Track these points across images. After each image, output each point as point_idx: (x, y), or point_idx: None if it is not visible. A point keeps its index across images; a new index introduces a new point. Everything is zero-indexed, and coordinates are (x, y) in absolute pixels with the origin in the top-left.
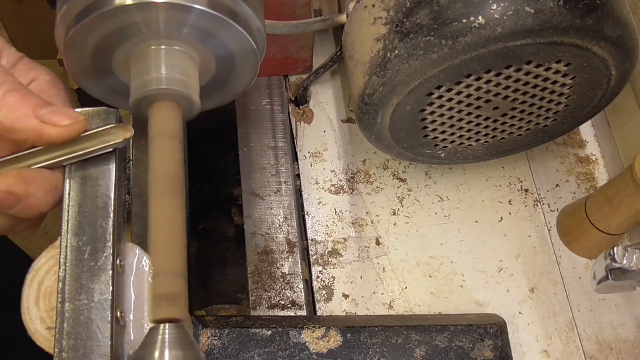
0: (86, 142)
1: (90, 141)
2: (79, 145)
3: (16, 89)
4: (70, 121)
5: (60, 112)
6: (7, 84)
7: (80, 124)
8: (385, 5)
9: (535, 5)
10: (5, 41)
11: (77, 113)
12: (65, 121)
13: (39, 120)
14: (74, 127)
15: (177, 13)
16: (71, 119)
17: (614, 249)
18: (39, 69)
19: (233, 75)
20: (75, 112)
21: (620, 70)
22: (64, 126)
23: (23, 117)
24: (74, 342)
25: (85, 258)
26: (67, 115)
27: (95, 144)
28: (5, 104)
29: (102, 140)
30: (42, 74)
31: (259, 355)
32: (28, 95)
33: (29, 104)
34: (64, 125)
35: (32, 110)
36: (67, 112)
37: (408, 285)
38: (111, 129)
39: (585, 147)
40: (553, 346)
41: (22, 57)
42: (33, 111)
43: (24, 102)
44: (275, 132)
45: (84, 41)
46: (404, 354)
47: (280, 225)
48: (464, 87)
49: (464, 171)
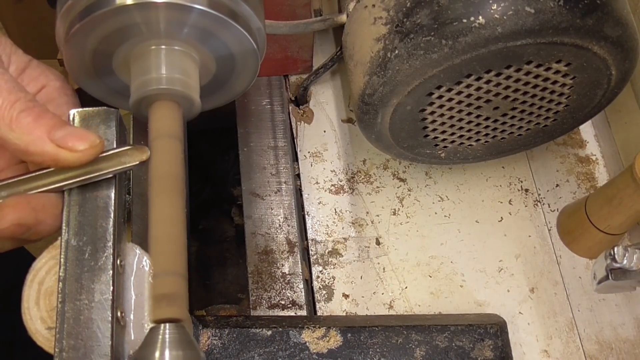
0: (102, 164)
1: (106, 163)
2: (94, 167)
3: (30, 107)
4: (87, 146)
5: (76, 136)
6: (20, 102)
7: (97, 148)
8: (386, 5)
9: (536, 5)
10: (12, 44)
11: (94, 135)
12: (82, 146)
13: (54, 145)
14: (91, 152)
15: (177, 13)
16: (88, 143)
17: (614, 249)
18: (48, 74)
19: (233, 75)
20: (92, 135)
21: (621, 70)
22: (81, 151)
23: (38, 140)
24: (74, 342)
25: (85, 258)
26: (83, 139)
27: (111, 165)
28: (19, 126)
29: (118, 162)
30: (51, 79)
31: (259, 355)
32: (42, 114)
33: (44, 125)
34: (81, 150)
35: (47, 133)
36: (84, 136)
37: (408, 285)
38: (127, 150)
39: (585, 147)
40: (553, 346)
41: (31, 60)
42: (48, 134)
43: (38, 123)
44: (276, 132)
45: (84, 41)
46: (404, 354)
47: (281, 225)
48: (464, 87)
49: (464, 171)
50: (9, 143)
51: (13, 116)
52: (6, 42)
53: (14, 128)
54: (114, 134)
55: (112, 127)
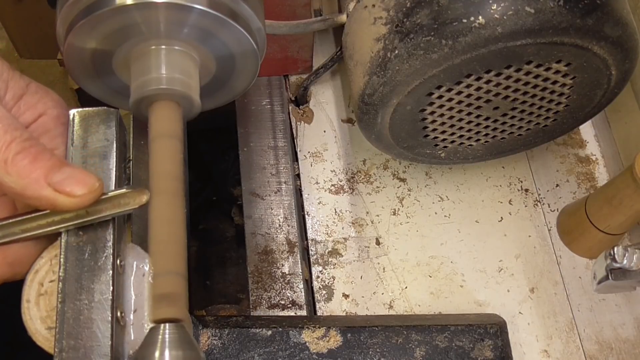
0: (100, 206)
1: (104, 205)
2: (93, 208)
3: (26, 148)
4: (85, 191)
5: (75, 180)
6: (16, 142)
7: (96, 193)
8: (386, 5)
9: (536, 5)
10: (10, 68)
11: (93, 178)
12: (80, 190)
13: (52, 189)
14: (90, 196)
15: (177, 13)
16: (87, 187)
17: (614, 249)
18: (46, 101)
19: (233, 75)
20: (91, 178)
21: (621, 70)
22: (79, 196)
23: (35, 184)
24: (74, 342)
25: (85, 258)
26: (82, 182)
27: (109, 208)
28: (15, 168)
29: (117, 204)
30: (49, 107)
31: (259, 355)
32: (40, 155)
33: (41, 167)
34: (79, 195)
35: (45, 176)
36: (83, 179)
37: (408, 285)
38: (127, 193)
39: (585, 147)
40: (553, 346)
41: (29, 84)
42: (46, 177)
43: (35, 166)
44: (276, 132)
45: (85, 41)
46: (404, 354)
47: (281, 225)
48: (464, 87)
49: (464, 171)
50: (4, 186)
51: (9, 158)
52: (3, 66)
53: (10, 171)
54: (114, 134)
55: (112, 127)
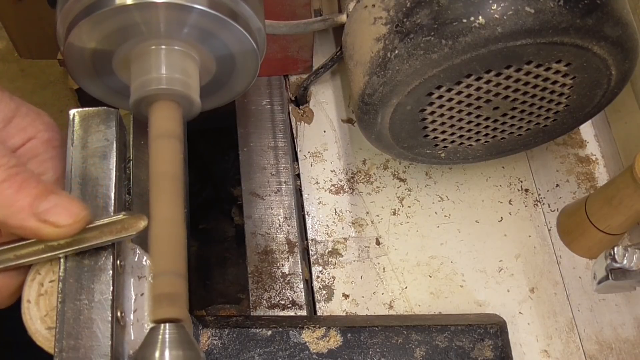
0: (96, 232)
1: (101, 231)
2: (87, 236)
3: (12, 176)
4: (71, 221)
5: (60, 209)
6: (2, 170)
7: (81, 222)
8: (385, 5)
9: (536, 5)
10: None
11: (79, 207)
12: (65, 221)
13: (36, 219)
14: (75, 226)
15: (177, 13)
16: (72, 217)
17: (614, 249)
18: (37, 125)
19: (233, 76)
20: (78, 207)
21: (621, 70)
22: (64, 226)
23: (19, 213)
24: (74, 342)
25: (85, 258)
26: (68, 212)
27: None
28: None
29: (115, 230)
30: (40, 130)
31: (259, 355)
32: (25, 183)
33: (26, 196)
34: (64, 225)
35: (30, 205)
36: (69, 208)
37: (408, 285)
38: (125, 219)
39: (585, 147)
40: (553, 346)
41: (20, 107)
42: (31, 206)
43: (21, 195)
44: (275, 132)
45: (84, 41)
46: (404, 354)
47: (281, 225)
48: (464, 87)
49: (464, 171)
50: None
51: None
52: None
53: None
54: (114, 134)
55: (112, 127)
